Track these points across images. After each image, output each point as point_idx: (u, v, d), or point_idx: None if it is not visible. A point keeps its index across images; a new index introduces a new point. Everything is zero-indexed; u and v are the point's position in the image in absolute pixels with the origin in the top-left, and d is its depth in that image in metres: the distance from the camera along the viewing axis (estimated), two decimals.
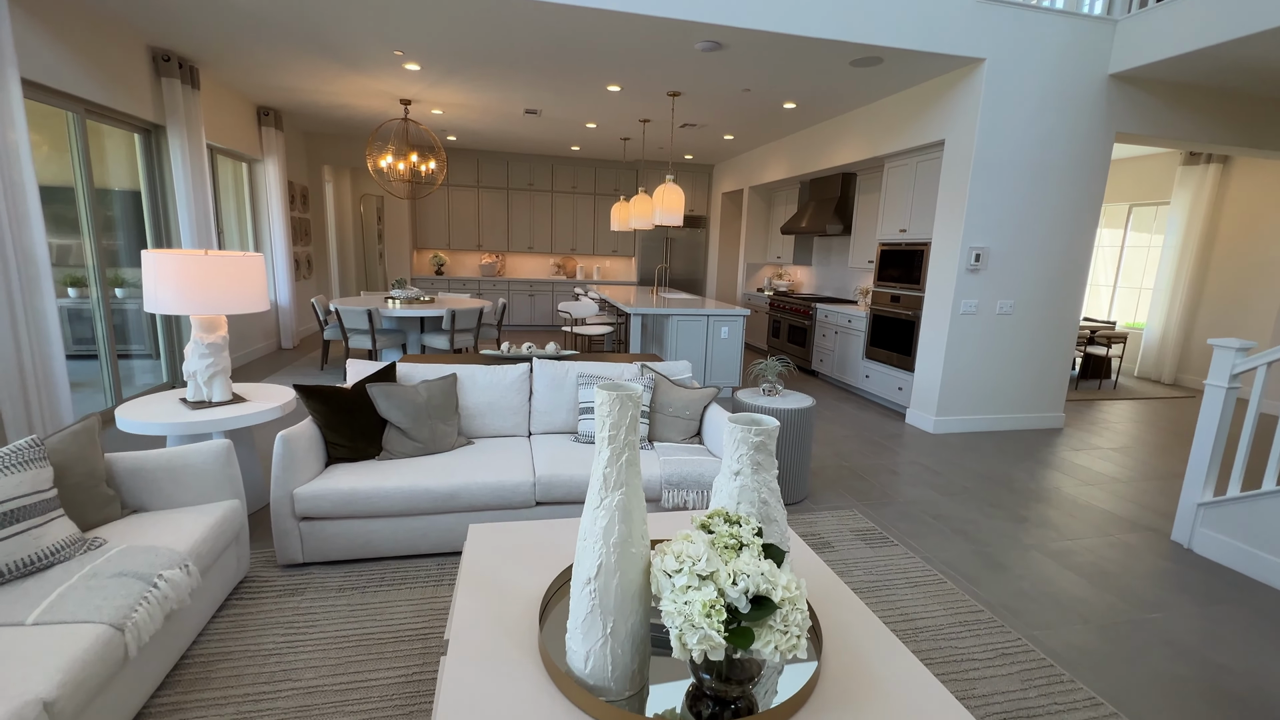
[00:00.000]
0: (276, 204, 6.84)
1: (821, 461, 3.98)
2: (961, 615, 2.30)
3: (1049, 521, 3.20)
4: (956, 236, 4.49)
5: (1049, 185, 4.52)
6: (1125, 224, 7.71)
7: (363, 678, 1.83)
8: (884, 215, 5.51)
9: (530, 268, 9.97)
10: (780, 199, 8.29)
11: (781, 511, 1.46)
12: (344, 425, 2.61)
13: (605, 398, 1.17)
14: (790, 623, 1.13)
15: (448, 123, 7.12)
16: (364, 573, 2.40)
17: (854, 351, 5.93)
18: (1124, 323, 7.84)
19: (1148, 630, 2.26)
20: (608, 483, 1.19)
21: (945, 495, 3.49)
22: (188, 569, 1.78)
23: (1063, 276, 4.73)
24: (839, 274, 7.36)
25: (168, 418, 2.48)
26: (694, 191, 9.82)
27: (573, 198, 9.61)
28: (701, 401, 3.13)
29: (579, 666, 1.24)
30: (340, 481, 2.40)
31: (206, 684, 1.78)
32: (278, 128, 6.77)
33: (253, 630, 2.03)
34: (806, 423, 3.27)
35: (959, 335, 4.61)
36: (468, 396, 3.04)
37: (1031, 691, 1.90)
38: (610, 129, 7.11)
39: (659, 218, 5.52)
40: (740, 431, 1.42)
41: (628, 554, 1.19)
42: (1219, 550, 2.81)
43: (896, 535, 2.97)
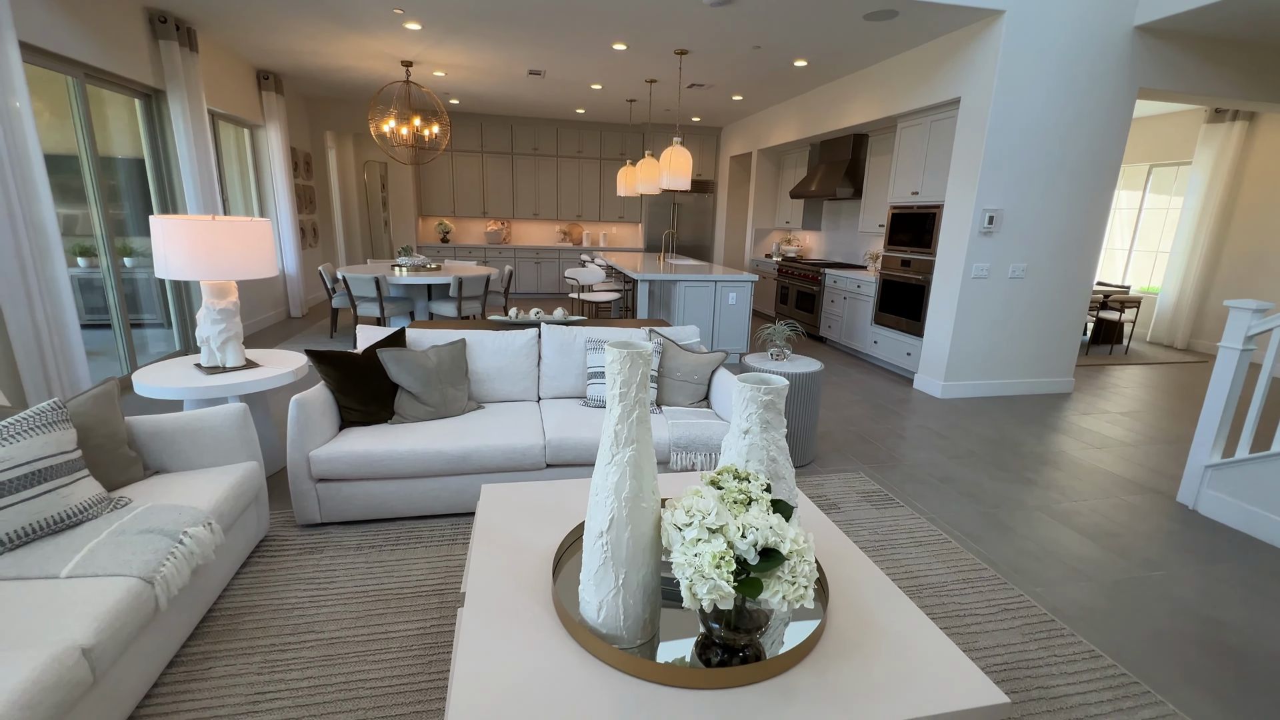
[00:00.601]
0: (279, 170, 6.78)
1: (828, 426, 4.00)
2: (965, 573, 2.34)
3: (1055, 484, 3.22)
4: (970, 198, 4.40)
5: (1067, 144, 4.40)
6: (1144, 185, 7.52)
7: (383, 630, 1.90)
8: (895, 177, 5.40)
9: (536, 235, 9.89)
10: (790, 162, 8.12)
11: (790, 470, 1.48)
12: (356, 390, 2.65)
13: (616, 355, 1.18)
14: (798, 574, 1.16)
15: (450, 85, 6.98)
16: (380, 532, 2.47)
17: (862, 317, 5.89)
18: (1138, 287, 7.72)
19: (1149, 588, 2.30)
20: (619, 439, 1.21)
21: (951, 459, 3.51)
22: (211, 526, 1.83)
23: (1078, 239, 4.65)
24: (848, 239, 7.26)
25: (184, 382, 2.52)
26: (701, 155, 9.63)
27: (578, 162, 9.46)
28: (709, 366, 3.14)
29: (592, 616, 1.28)
30: (354, 444, 2.44)
31: (234, 635, 1.85)
32: (278, 92, 6.66)
33: (276, 585, 2.10)
34: (814, 387, 3.28)
35: (969, 299, 4.57)
36: (477, 362, 3.06)
37: (1032, 645, 1.94)
38: (616, 90, 6.94)
39: (666, 182, 5.43)
40: (750, 390, 1.43)
41: (639, 508, 1.22)
42: (1224, 511, 2.82)
43: (902, 497, 3.00)
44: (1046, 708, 1.69)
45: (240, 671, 1.71)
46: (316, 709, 1.59)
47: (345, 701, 1.62)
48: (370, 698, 1.63)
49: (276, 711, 1.58)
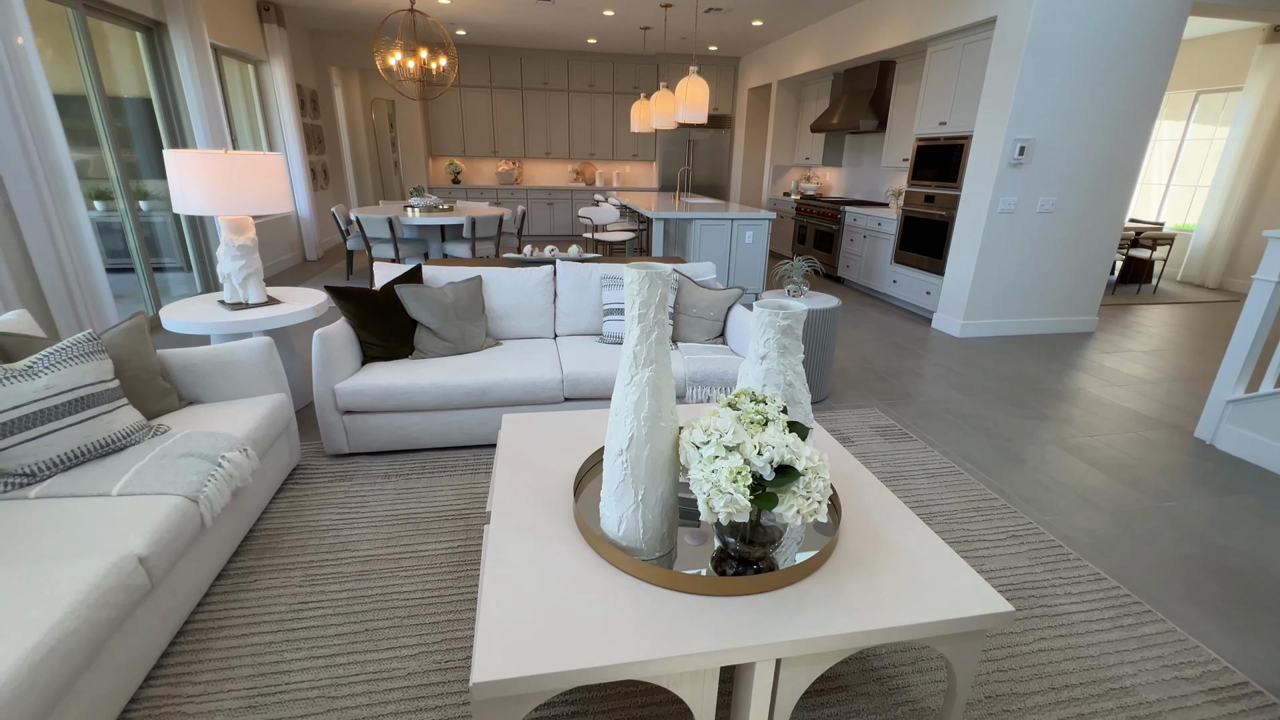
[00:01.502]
0: (287, 109, 6.64)
1: (844, 364, 4.00)
2: (975, 502, 2.38)
3: (1071, 419, 3.22)
4: (1000, 128, 4.20)
5: (1108, 68, 4.13)
6: (1188, 114, 7.10)
7: (413, 549, 2.00)
8: (923, 107, 5.15)
9: (548, 175, 9.69)
10: (811, 94, 7.76)
11: (806, 395, 1.50)
12: (376, 325, 2.69)
13: (634, 275, 1.18)
14: (813, 489, 1.20)
15: (456, 14, 6.68)
16: (406, 462, 2.56)
17: (882, 256, 5.76)
18: (1173, 224, 7.43)
19: (1159, 517, 2.33)
20: (638, 360, 1.23)
21: (967, 395, 3.51)
22: (246, 452, 1.92)
23: (1112, 172, 4.45)
24: (870, 175, 7.02)
25: (209, 318, 2.58)
26: (718, 88, 9.23)
27: (590, 97, 9.13)
28: (725, 302, 3.13)
29: (612, 530, 1.34)
30: (377, 378, 2.50)
31: (274, 553, 1.97)
32: (280, 25, 6.44)
33: (310, 510, 2.21)
34: (831, 323, 3.26)
35: (994, 235, 4.44)
36: (493, 299, 3.07)
37: (1038, 568, 2.00)
38: (629, 17, 6.60)
39: (682, 114, 5.25)
40: (768, 315, 1.43)
41: (657, 427, 1.25)
42: (1243, 446, 2.81)
43: (916, 431, 3.03)
44: (1049, 624, 1.75)
45: (283, 584, 1.83)
46: (355, 616, 1.70)
47: (381, 611, 1.73)
48: (404, 607, 1.74)
49: (319, 618, 1.69)
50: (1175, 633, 1.74)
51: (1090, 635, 1.71)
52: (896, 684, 1.54)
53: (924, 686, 1.53)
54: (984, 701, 1.50)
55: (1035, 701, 1.50)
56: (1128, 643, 1.69)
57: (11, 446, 1.61)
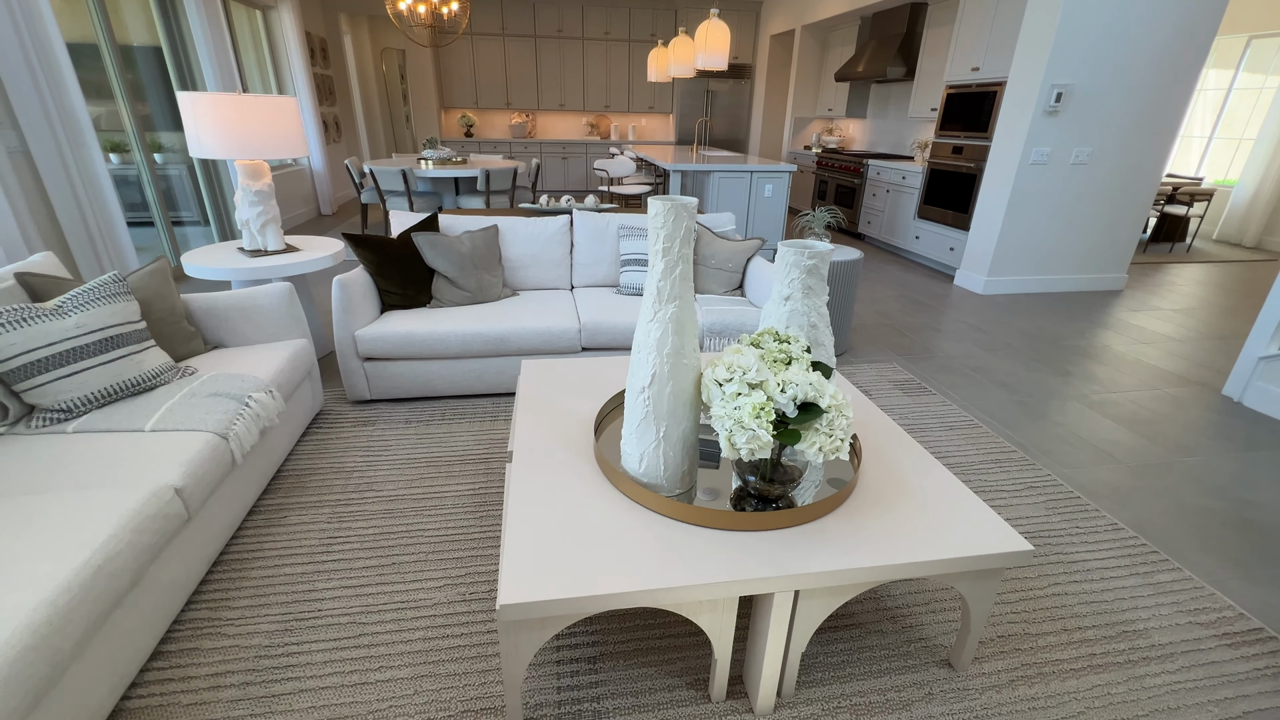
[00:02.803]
0: (296, 57, 6.51)
1: (863, 319, 3.94)
2: (994, 454, 2.38)
3: (1094, 376, 3.17)
4: (1038, 72, 4.00)
5: (1156, 7, 3.89)
6: (1239, 61, 6.70)
7: (436, 490, 2.05)
8: (955, 51, 4.91)
9: (562, 128, 9.47)
10: (836, 40, 7.43)
11: (829, 337, 1.48)
12: (394, 273, 2.69)
13: (659, 208, 1.15)
14: (835, 427, 1.19)
15: None
16: (427, 409, 2.60)
17: (905, 211, 5.61)
18: (1213, 180, 7.12)
19: (1180, 471, 2.31)
20: (661, 295, 1.21)
21: (988, 351, 3.46)
22: (272, 394, 1.95)
23: (1152, 122, 4.24)
24: (896, 127, 6.76)
25: (230, 264, 2.59)
26: (739, 35, 8.86)
27: (605, 45, 8.83)
28: (745, 254, 3.08)
29: (633, 467, 1.35)
30: (397, 325, 2.51)
31: (303, 491, 2.03)
32: None
33: (334, 452, 2.26)
34: (852, 276, 3.20)
35: (1024, 188, 4.28)
36: (510, 249, 3.05)
37: (1055, 517, 2.00)
38: None
39: (702, 61, 5.05)
40: (793, 255, 1.40)
41: (680, 364, 1.24)
42: (1272, 403, 2.76)
43: (935, 386, 3.00)
44: (1064, 570, 1.76)
45: (312, 520, 1.89)
46: (383, 550, 1.76)
47: (408, 546, 1.78)
48: (430, 544, 1.80)
49: (348, 551, 1.75)
50: (1192, 580, 1.74)
51: (1105, 581, 1.72)
52: (910, 622, 1.57)
53: (937, 625, 1.56)
54: (996, 640, 1.52)
55: (1047, 641, 1.52)
56: (1143, 589, 1.70)
57: (48, 383, 1.65)
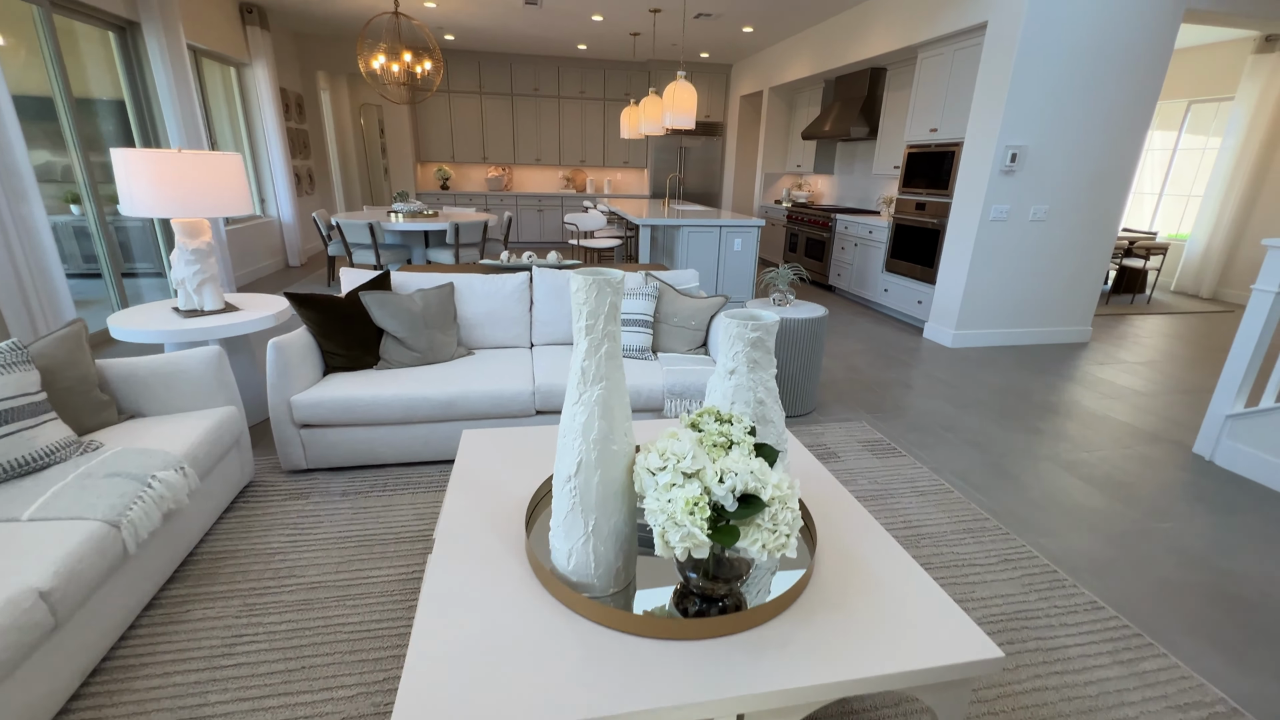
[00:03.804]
0: (270, 113, 6.53)
1: (832, 374, 3.88)
2: (966, 522, 2.26)
3: (1065, 434, 3.11)
4: (992, 134, 4.12)
5: (1101, 75, 4.07)
6: (1181, 124, 7.07)
7: (364, 575, 1.86)
8: (914, 113, 5.08)
9: (538, 181, 9.59)
10: (803, 101, 7.71)
11: (779, 413, 1.38)
12: (339, 334, 2.56)
13: (581, 283, 1.06)
14: (779, 521, 1.07)
15: (443, 18, 6.60)
16: (367, 479, 2.42)
17: (874, 264, 5.67)
18: (1166, 234, 7.38)
19: (1158, 539, 2.22)
20: (586, 377, 1.10)
21: (958, 408, 3.40)
22: (184, 471, 1.78)
23: (1105, 180, 4.37)
24: (861, 183, 6.94)
25: (160, 325, 2.44)
26: (710, 95, 9.18)
27: (581, 104, 9.06)
28: (708, 311, 3.01)
29: (562, 564, 1.21)
30: (337, 390, 2.37)
31: (214, 579, 1.83)
32: (263, 27, 6.34)
33: (258, 530, 2.07)
34: (817, 333, 3.14)
35: (986, 244, 4.35)
36: (466, 306, 2.95)
37: (1032, 595, 1.88)
38: (618, 22, 6.54)
39: (670, 120, 5.16)
40: (736, 327, 1.31)
41: (608, 451, 1.12)
42: (1243, 462, 2.71)
43: (905, 446, 2.91)
44: (1044, 659, 1.63)
45: (219, 615, 1.69)
46: (293, 651, 1.57)
47: (323, 645, 1.59)
48: (349, 641, 1.61)
49: (253, 654, 1.56)
50: (1179, 669, 1.61)
51: (1088, 673, 1.59)
52: None
53: None
54: None
55: None
56: (1128, 680, 1.57)
57: None
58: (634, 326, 2.89)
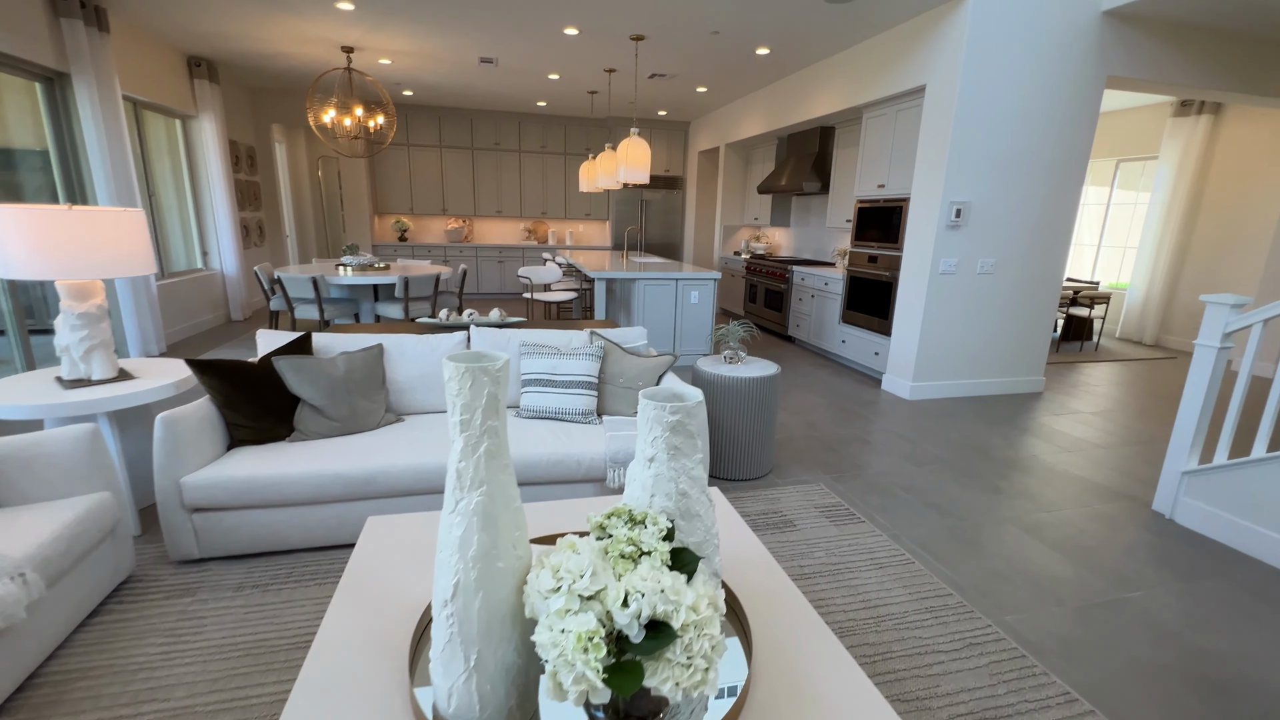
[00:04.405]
0: (216, 165, 6.35)
1: (790, 432, 3.76)
2: (928, 600, 2.11)
3: (1026, 491, 3.02)
4: (937, 191, 4.20)
5: (1036, 135, 4.23)
6: (1112, 180, 7.46)
7: (242, 693, 1.59)
8: (862, 170, 5.20)
9: (499, 233, 9.54)
10: (758, 157, 7.91)
11: (706, 506, 1.22)
12: (247, 404, 2.32)
13: (453, 372, 0.90)
14: (695, 653, 0.89)
15: (400, 75, 6.62)
16: (269, 568, 2.15)
17: (831, 316, 5.68)
18: (1107, 283, 7.67)
19: (1127, 612, 2.09)
20: (462, 481, 0.93)
21: (918, 466, 3.30)
22: (23, 578, 1.51)
23: (1047, 234, 4.49)
24: (817, 235, 7.07)
25: (38, 399, 2.18)
26: (670, 150, 9.38)
27: (542, 158, 9.14)
28: (656, 370, 2.87)
29: (442, 704, 1.00)
30: (237, 468, 2.12)
31: (55, 707, 1.53)
32: (213, 80, 6.24)
33: (126, 640, 1.78)
34: (770, 392, 3.03)
35: (938, 296, 4.37)
36: (397, 369, 2.75)
37: (1001, 688, 1.71)
38: (575, 81, 6.65)
39: (624, 175, 5.16)
40: (653, 410, 1.16)
41: (492, 570, 0.94)
42: (1202, 521, 2.64)
43: (864, 510, 2.77)
44: None
45: None
46: None
47: None
48: None
49: None
50: None
51: None
52: None
53: None
54: None
55: None
56: None
57: None
58: (577, 389, 2.73)
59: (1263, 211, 5.92)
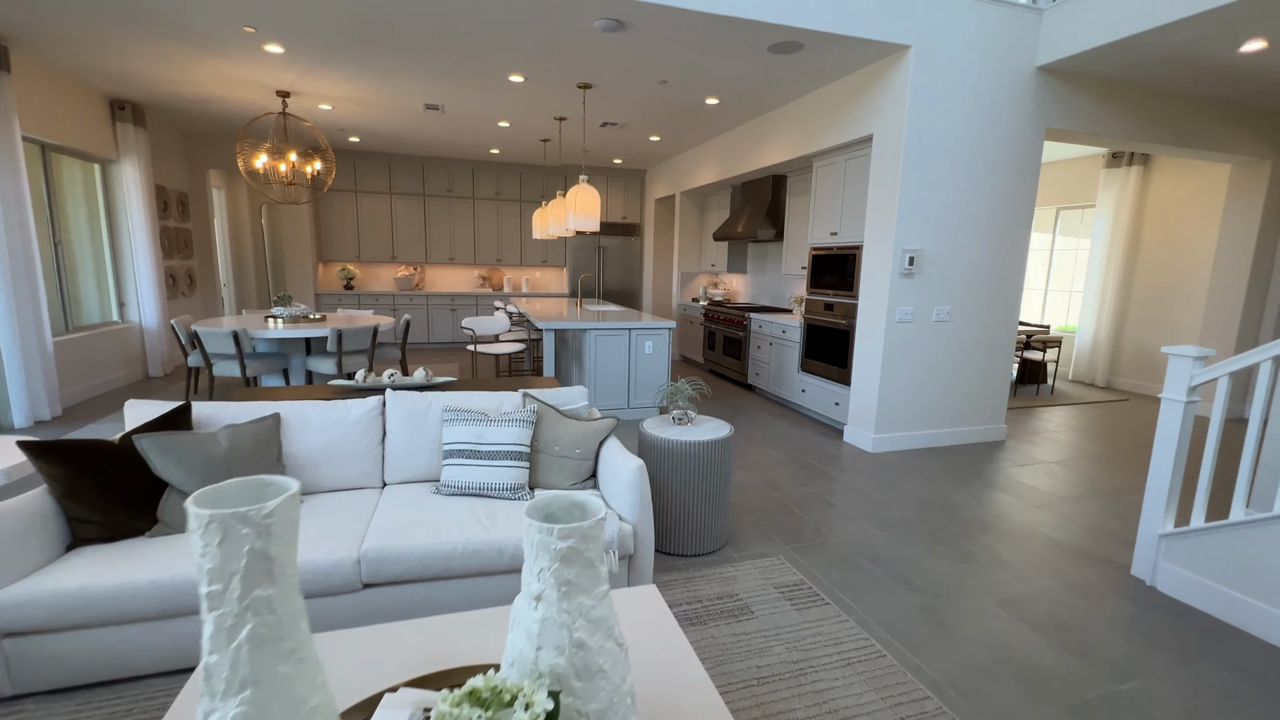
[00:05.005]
0: (138, 211, 5.94)
1: (748, 494, 3.50)
2: (903, 705, 1.82)
3: (998, 558, 2.80)
4: (888, 238, 4.14)
5: (982, 183, 4.23)
6: (1054, 227, 7.70)
7: None
8: (814, 218, 5.15)
9: (452, 280, 9.25)
10: (713, 204, 7.91)
11: (615, 656, 0.92)
12: (95, 493, 1.94)
13: (196, 522, 0.60)
14: None
15: (344, 120, 6.40)
16: (107, 701, 1.73)
17: (790, 364, 5.53)
18: (1057, 326, 7.81)
19: (1123, 708, 1.84)
20: (215, 684, 0.62)
21: (884, 530, 3.06)
22: None
23: (999, 281, 4.46)
24: (774, 281, 7.01)
25: None
26: (627, 198, 9.36)
27: (496, 204, 8.98)
28: (596, 436, 2.59)
29: None
30: (67, 577, 1.72)
31: None
32: (138, 124, 5.90)
33: None
34: (723, 456, 2.77)
35: (895, 345, 4.25)
36: (297, 441, 2.40)
37: None
38: (526, 129, 6.55)
39: (573, 222, 4.98)
40: (537, 534, 0.88)
41: None
42: (1186, 589, 2.46)
43: (828, 587, 2.50)
44: None
45: None
46: None
47: None
48: None
49: None
50: None
51: None
52: None
53: None
54: None
55: None
56: None
57: None
58: (505, 460, 2.42)
59: (1197, 257, 6.11)
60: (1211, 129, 4.83)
